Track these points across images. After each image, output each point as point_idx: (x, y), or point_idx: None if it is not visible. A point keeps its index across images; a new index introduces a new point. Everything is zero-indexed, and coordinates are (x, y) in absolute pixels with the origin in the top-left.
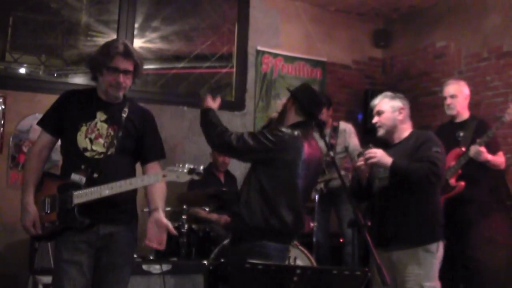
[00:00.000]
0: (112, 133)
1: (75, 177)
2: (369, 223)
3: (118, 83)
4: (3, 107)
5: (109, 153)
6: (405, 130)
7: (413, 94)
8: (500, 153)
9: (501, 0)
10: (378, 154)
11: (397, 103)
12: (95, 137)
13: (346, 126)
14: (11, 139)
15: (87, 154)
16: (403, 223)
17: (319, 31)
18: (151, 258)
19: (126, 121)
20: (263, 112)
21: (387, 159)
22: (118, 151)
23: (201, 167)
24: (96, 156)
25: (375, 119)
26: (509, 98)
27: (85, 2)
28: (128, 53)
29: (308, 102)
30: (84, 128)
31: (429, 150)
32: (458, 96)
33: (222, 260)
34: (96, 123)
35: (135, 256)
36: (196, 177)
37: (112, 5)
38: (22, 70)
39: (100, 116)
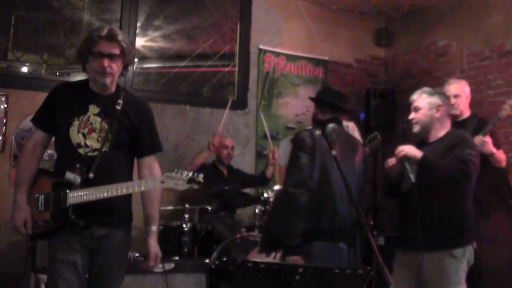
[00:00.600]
0: (106, 126)
1: (69, 175)
2: (371, 222)
3: (103, 68)
4: (5, 106)
5: (104, 149)
6: (442, 128)
7: None
8: (501, 151)
9: None
10: (407, 148)
11: (435, 99)
12: (88, 131)
13: (348, 123)
14: (13, 138)
15: (81, 150)
16: (429, 226)
17: (321, 30)
18: (196, 187)
19: (120, 114)
20: (266, 111)
21: (416, 152)
22: (113, 146)
23: (201, 175)
24: (90, 153)
25: (412, 115)
26: (511, 96)
27: (87, 1)
28: (112, 36)
29: (328, 98)
30: (76, 123)
31: (462, 151)
32: (461, 95)
33: (225, 259)
34: (89, 117)
35: (137, 255)
36: (195, 186)
37: (114, 3)
38: (24, 69)
39: (93, 109)
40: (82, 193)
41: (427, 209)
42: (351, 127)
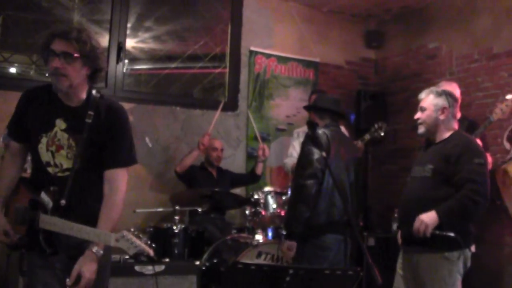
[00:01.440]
0: (73, 144)
1: (44, 197)
2: (361, 223)
3: (55, 69)
4: None
5: (74, 169)
6: (448, 130)
7: (405, 95)
8: (488, 154)
9: (491, 3)
10: (423, 226)
11: (441, 101)
12: (57, 149)
13: (341, 126)
14: (1, 139)
15: (50, 169)
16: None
17: (312, 31)
18: (143, 259)
19: (90, 128)
20: (256, 113)
21: (433, 219)
22: (85, 165)
23: (151, 252)
24: (60, 174)
25: (418, 115)
26: (499, 99)
27: (77, 1)
28: (65, 33)
29: (324, 105)
30: (44, 140)
31: (469, 163)
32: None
33: (215, 260)
34: (56, 133)
35: (127, 257)
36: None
37: (105, 4)
38: (13, 70)
39: (60, 124)
40: (51, 222)
41: (424, 212)
42: (343, 130)
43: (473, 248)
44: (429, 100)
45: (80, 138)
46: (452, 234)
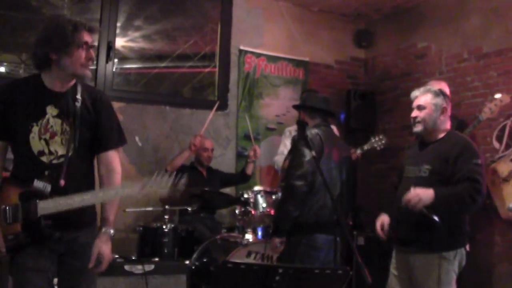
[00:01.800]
0: (68, 128)
1: (38, 184)
2: (350, 223)
3: (91, 59)
4: None
5: (70, 153)
6: (443, 130)
7: (395, 94)
8: None
9: (480, 2)
10: (416, 198)
11: (441, 101)
12: (50, 136)
13: (333, 126)
14: None
15: (44, 158)
16: (425, 228)
17: (302, 31)
18: (133, 258)
19: (81, 111)
20: (246, 112)
21: (429, 196)
22: (80, 149)
23: (183, 180)
24: (55, 161)
25: (415, 113)
26: (488, 98)
27: (66, 0)
28: (91, 28)
29: (314, 104)
30: (36, 129)
31: (468, 163)
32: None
33: (205, 260)
34: (48, 120)
35: (116, 256)
36: (177, 194)
37: (94, 3)
38: (2, 69)
39: (51, 111)
40: (53, 204)
41: (418, 212)
42: (334, 130)
43: (467, 247)
44: (427, 99)
45: (74, 122)
46: (436, 219)
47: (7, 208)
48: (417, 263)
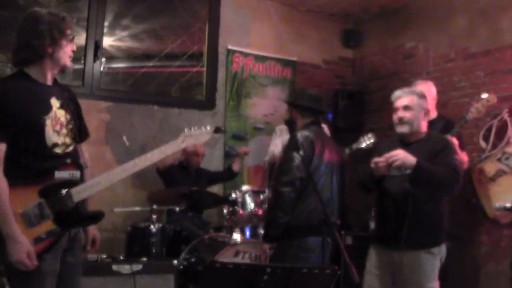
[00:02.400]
0: (68, 117)
1: (62, 174)
2: (338, 222)
3: (73, 52)
4: None
5: (75, 142)
6: (423, 131)
7: (383, 94)
8: (465, 153)
9: (467, 3)
10: (401, 155)
11: (425, 103)
12: (60, 128)
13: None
14: None
15: (58, 150)
16: (412, 226)
17: (290, 30)
18: (121, 258)
19: (71, 102)
20: (234, 112)
21: (411, 159)
22: (77, 137)
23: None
24: (67, 151)
25: (401, 114)
26: (475, 98)
27: None
28: (71, 21)
29: (307, 102)
30: (49, 122)
31: (449, 157)
32: (427, 97)
33: (193, 260)
34: (55, 112)
35: (104, 256)
36: (223, 133)
37: (82, 2)
38: None
39: (55, 103)
40: (86, 187)
41: (411, 210)
42: (325, 129)
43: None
44: (414, 100)
45: (71, 111)
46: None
47: (28, 211)
48: (404, 260)
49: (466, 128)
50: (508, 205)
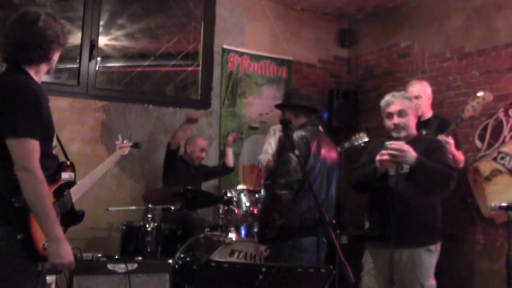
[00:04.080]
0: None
1: (65, 175)
2: (333, 221)
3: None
4: None
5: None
6: (414, 131)
7: (378, 93)
8: (460, 152)
9: (463, 2)
10: (406, 147)
11: (414, 105)
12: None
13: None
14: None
15: (54, 151)
16: (410, 223)
17: (285, 30)
18: (116, 257)
19: None
20: (229, 111)
21: (413, 154)
22: None
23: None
24: (54, 151)
25: (397, 120)
26: (470, 97)
27: None
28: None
29: (298, 102)
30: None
31: (445, 156)
32: (422, 96)
33: (188, 259)
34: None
35: (99, 255)
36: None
37: (77, 1)
38: None
39: (50, 105)
40: (80, 187)
41: (410, 208)
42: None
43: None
44: (406, 104)
45: None
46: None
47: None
48: (403, 258)
49: (461, 127)
50: (503, 204)
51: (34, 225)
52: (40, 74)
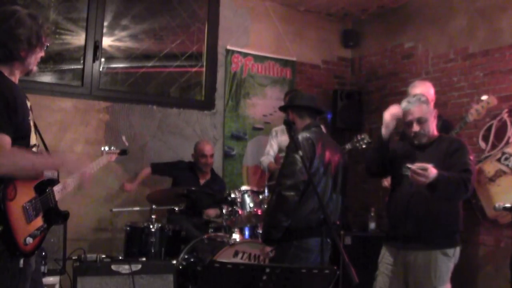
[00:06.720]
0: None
1: (46, 172)
2: (337, 222)
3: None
4: None
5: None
6: (435, 132)
7: (381, 94)
8: None
9: (467, 3)
10: (431, 176)
11: (431, 108)
12: (34, 129)
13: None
14: None
15: (35, 149)
16: (427, 225)
17: (288, 31)
18: (120, 258)
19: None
20: (233, 112)
21: (433, 175)
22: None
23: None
24: (35, 149)
25: (417, 128)
26: (474, 98)
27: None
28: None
29: (303, 103)
30: (31, 123)
31: (465, 157)
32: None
33: (192, 260)
34: (30, 114)
35: (103, 256)
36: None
37: (81, 2)
38: None
39: (29, 103)
40: (64, 185)
41: (427, 209)
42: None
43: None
44: (424, 109)
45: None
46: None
47: (28, 205)
48: (419, 260)
49: (465, 128)
50: (507, 205)
51: (13, 217)
52: (16, 74)
